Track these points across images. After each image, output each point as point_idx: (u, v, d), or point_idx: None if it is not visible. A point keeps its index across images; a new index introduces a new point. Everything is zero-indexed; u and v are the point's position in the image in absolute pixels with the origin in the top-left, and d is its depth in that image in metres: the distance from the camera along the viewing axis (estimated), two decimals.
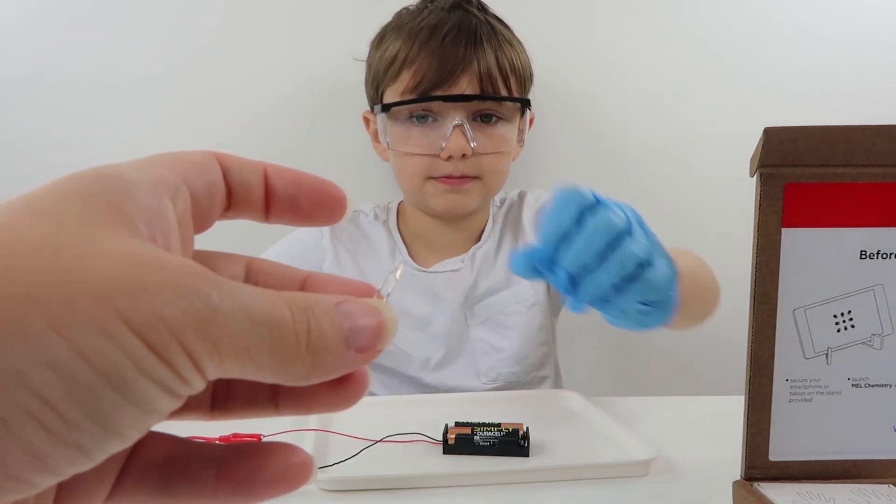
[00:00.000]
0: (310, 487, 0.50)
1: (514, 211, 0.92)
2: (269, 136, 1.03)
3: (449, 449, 0.56)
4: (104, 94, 1.01)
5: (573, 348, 1.07)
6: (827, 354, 0.43)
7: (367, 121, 0.90)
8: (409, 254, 0.89)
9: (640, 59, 1.04)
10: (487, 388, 0.84)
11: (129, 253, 0.16)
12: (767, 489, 0.43)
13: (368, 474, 0.52)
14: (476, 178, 0.83)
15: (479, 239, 0.90)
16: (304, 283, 0.23)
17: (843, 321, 0.43)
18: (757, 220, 0.42)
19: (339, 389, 0.20)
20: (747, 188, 0.43)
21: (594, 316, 1.11)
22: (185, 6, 1.00)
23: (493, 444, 0.56)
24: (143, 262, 0.16)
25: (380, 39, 0.85)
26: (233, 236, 0.54)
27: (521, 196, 0.94)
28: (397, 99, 0.81)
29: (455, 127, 0.78)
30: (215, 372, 0.17)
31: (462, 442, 0.56)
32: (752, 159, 0.42)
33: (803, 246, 0.42)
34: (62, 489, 0.19)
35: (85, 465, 0.16)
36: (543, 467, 0.53)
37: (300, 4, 1.01)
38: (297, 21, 1.01)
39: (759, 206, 0.42)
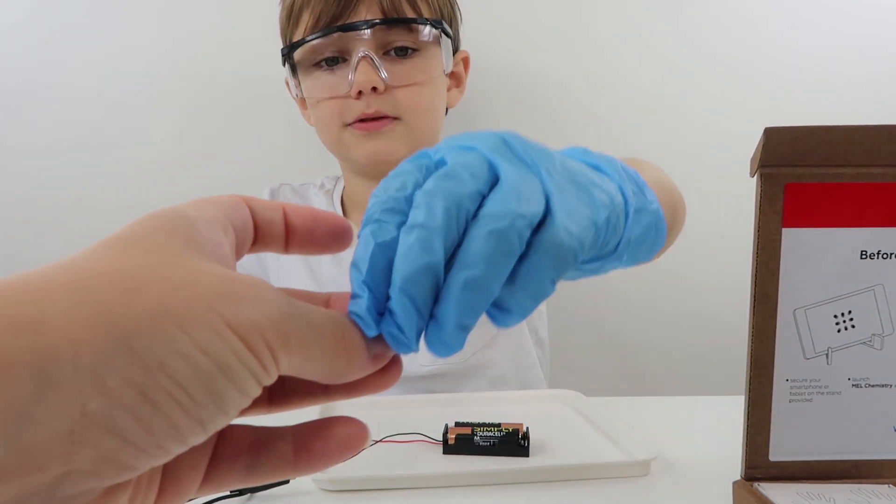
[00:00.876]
0: (310, 487, 0.50)
1: None
2: (268, 133, 1.04)
3: (449, 449, 0.56)
4: (104, 93, 1.01)
5: (573, 348, 1.07)
6: (827, 354, 0.43)
7: (289, 86, 0.84)
8: None
9: (640, 59, 1.04)
10: (427, 370, 0.79)
11: (218, 272, 0.21)
12: (767, 489, 0.43)
13: (368, 474, 0.52)
14: (396, 119, 0.75)
15: None
16: (328, 302, 0.27)
17: (843, 321, 0.43)
18: (757, 220, 0.42)
19: (381, 374, 0.25)
20: (747, 188, 0.43)
21: (593, 315, 1.10)
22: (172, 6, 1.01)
23: (493, 444, 0.56)
24: (232, 278, 0.20)
25: None
26: None
27: None
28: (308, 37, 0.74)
29: (360, 59, 0.72)
30: (286, 366, 0.21)
31: (462, 442, 0.56)
32: (752, 159, 0.42)
33: (803, 246, 0.42)
34: (165, 478, 0.22)
35: (201, 438, 0.20)
36: (543, 467, 0.53)
37: None
38: None
39: (759, 206, 0.42)
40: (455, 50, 0.83)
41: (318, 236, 0.27)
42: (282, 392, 0.26)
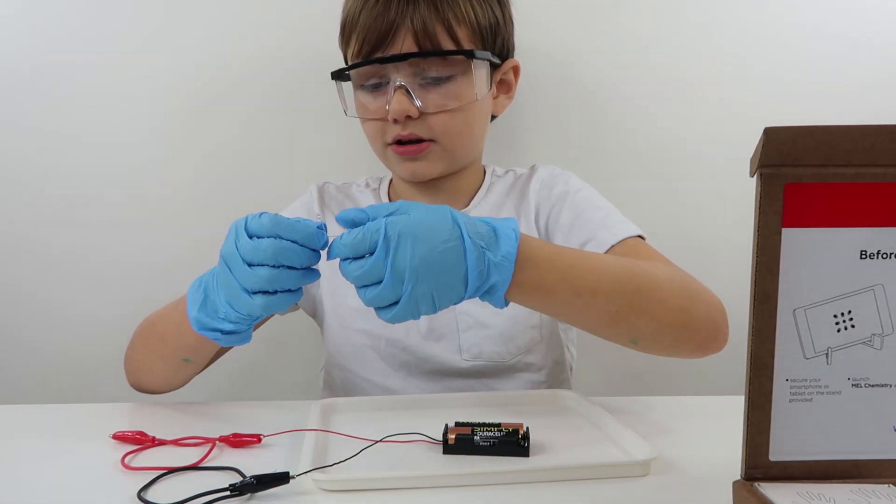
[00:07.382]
0: (310, 487, 0.50)
1: (520, 182, 0.89)
2: (276, 123, 1.04)
3: (449, 449, 0.56)
4: (102, 92, 1.01)
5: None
6: (827, 354, 0.43)
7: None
8: None
9: (640, 59, 1.04)
10: (469, 365, 0.82)
11: None
12: (767, 489, 0.43)
13: (368, 474, 0.52)
14: (431, 140, 0.80)
15: (467, 205, 0.87)
16: None
17: (843, 321, 0.43)
18: (757, 220, 0.42)
19: None
20: (747, 188, 0.43)
21: None
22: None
23: (493, 444, 0.56)
24: None
25: None
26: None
27: (533, 169, 0.90)
28: (350, 64, 0.81)
29: (396, 89, 0.76)
30: None
31: (462, 442, 0.56)
32: (752, 159, 0.42)
33: (803, 246, 0.42)
34: None
35: None
36: (543, 467, 0.53)
37: None
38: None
39: (759, 206, 0.42)
40: (507, 57, 0.86)
41: None
42: None
